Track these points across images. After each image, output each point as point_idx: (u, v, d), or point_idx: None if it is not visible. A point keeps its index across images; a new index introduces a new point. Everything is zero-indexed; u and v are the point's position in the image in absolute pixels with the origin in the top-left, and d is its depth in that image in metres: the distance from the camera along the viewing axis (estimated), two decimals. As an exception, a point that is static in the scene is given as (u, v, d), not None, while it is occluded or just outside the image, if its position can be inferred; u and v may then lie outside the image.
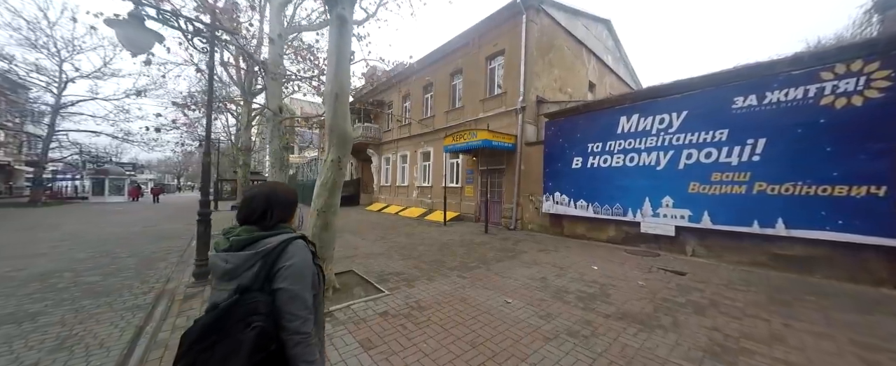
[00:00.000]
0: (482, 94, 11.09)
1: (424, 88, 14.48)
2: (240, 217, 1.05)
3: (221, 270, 0.96)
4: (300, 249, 1.01)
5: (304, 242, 1.05)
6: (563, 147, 7.94)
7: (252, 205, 1.04)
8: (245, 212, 1.04)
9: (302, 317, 0.93)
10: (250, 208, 1.04)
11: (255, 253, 0.95)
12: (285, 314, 0.91)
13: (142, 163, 46.25)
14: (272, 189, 1.10)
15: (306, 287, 0.98)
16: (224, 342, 0.83)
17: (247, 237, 0.98)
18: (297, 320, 0.92)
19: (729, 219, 5.21)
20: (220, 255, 0.98)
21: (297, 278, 0.95)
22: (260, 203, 1.04)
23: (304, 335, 0.93)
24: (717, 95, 5.43)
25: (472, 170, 11.28)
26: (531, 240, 7.59)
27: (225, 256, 0.96)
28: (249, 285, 0.92)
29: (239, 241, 0.97)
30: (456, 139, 9.62)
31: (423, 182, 14.21)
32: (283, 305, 0.92)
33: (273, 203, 1.06)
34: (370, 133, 17.66)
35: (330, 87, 3.73)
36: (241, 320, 0.85)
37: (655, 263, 5.31)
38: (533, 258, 5.71)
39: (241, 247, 0.97)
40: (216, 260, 0.98)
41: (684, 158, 5.77)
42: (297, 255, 0.98)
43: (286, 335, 0.91)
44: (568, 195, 7.72)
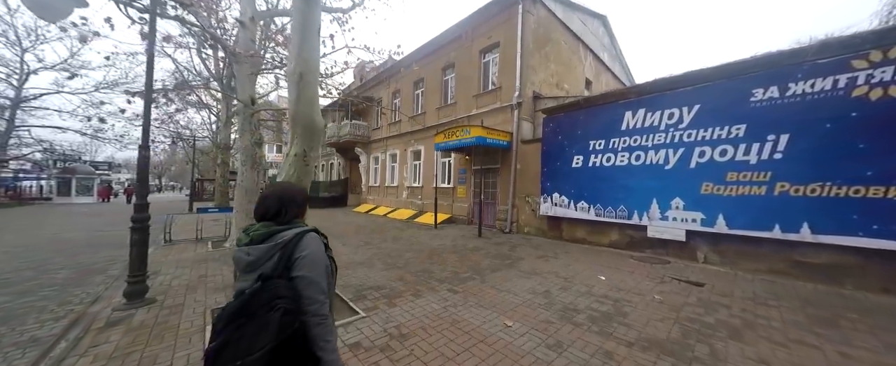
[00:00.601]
0: (476, 89, 10.51)
1: (415, 84, 13.82)
2: (257, 215, 1.18)
3: (245, 262, 1.07)
4: (313, 240, 1.12)
5: (316, 235, 1.15)
6: (562, 145, 7.41)
7: (267, 203, 1.17)
8: (262, 210, 1.17)
9: (319, 301, 1.05)
10: (266, 207, 1.16)
11: (274, 245, 1.06)
12: (304, 299, 1.03)
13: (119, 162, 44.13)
14: (284, 189, 1.22)
15: (321, 274, 1.09)
16: (252, 323, 0.94)
17: (265, 232, 1.10)
18: (315, 304, 1.04)
19: (747, 223, 4.73)
20: (242, 249, 1.09)
21: (312, 266, 1.07)
22: (274, 202, 1.16)
23: (322, 317, 1.05)
24: (733, 87, 4.96)
25: (465, 169, 10.68)
26: (528, 245, 7.02)
27: (247, 249, 1.08)
28: (271, 273, 1.04)
29: (259, 235, 1.09)
30: (448, 136, 9.00)
31: (413, 182, 13.55)
32: (302, 290, 1.03)
33: (286, 201, 1.18)
34: (358, 131, 16.90)
35: (293, 66, 3.06)
36: (266, 304, 0.95)
37: (667, 272, 4.80)
38: (532, 267, 5.14)
39: (261, 240, 1.09)
40: (239, 254, 1.10)
41: (696, 157, 5.29)
42: (310, 246, 1.09)
43: (306, 318, 1.02)
44: (568, 196, 7.19)
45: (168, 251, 6.17)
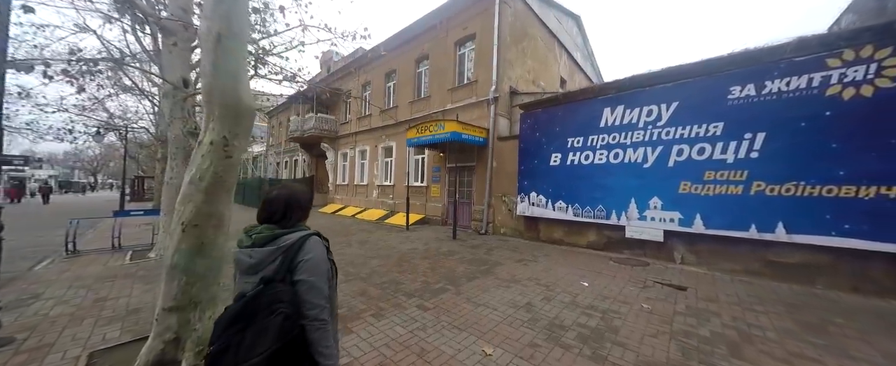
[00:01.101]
0: (450, 82, 9.98)
1: (386, 76, 13.00)
2: (261, 217, 1.15)
3: (246, 264, 1.06)
4: (316, 244, 1.10)
5: (318, 239, 1.14)
6: (540, 142, 7.10)
7: (273, 206, 1.14)
8: (266, 212, 1.14)
9: (320, 306, 1.03)
10: (271, 209, 1.14)
11: (277, 248, 1.05)
12: (305, 303, 1.01)
13: (39, 156, 38.11)
14: (290, 192, 1.19)
15: (323, 279, 1.07)
16: (253, 327, 0.92)
17: (268, 234, 1.08)
18: (315, 309, 1.02)
19: (724, 223, 4.66)
20: (244, 251, 1.08)
21: (314, 271, 1.04)
22: (280, 205, 1.14)
23: (322, 322, 1.03)
24: (711, 84, 4.87)
25: (440, 167, 10.13)
26: (505, 247, 6.63)
27: (249, 251, 1.07)
28: (272, 276, 1.01)
29: (261, 238, 1.07)
30: (421, 132, 8.38)
31: (384, 181, 12.75)
32: (303, 294, 1.01)
33: (291, 205, 1.16)
34: (325, 125, 15.70)
35: (207, 25, 2.29)
36: (267, 308, 0.94)
37: (648, 275, 4.60)
38: (511, 273, 4.71)
39: (264, 243, 1.06)
40: (241, 256, 1.08)
41: (674, 155, 5.17)
42: (313, 250, 1.08)
43: (306, 322, 1.00)
44: (545, 196, 6.90)
45: (69, 265, 4.96)
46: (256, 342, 0.90)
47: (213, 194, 2.39)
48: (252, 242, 1.07)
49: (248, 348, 0.90)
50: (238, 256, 1.09)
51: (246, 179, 19.50)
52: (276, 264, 1.03)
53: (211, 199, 2.38)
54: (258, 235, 1.08)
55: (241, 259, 1.08)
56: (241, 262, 1.08)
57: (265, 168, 25.84)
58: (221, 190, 2.44)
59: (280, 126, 23.17)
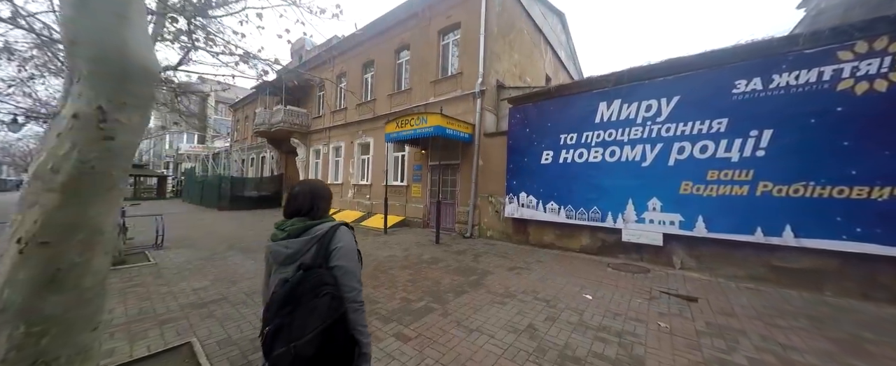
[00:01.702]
0: (433, 74, 9.29)
1: (364, 66, 12.07)
2: (289, 211, 1.21)
3: (284, 255, 1.12)
4: (345, 233, 1.17)
5: (346, 228, 1.19)
6: (530, 138, 6.61)
7: (299, 201, 1.21)
8: (294, 206, 1.21)
9: (356, 288, 1.11)
10: (298, 203, 1.21)
11: (311, 238, 1.12)
12: (343, 286, 1.08)
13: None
14: (313, 187, 1.25)
15: (356, 264, 1.15)
16: (300, 309, 1.00)
17: (301, 226, 1.15)
18: (352, 291, 1.10)
19: (728, 226, 4.36)
20: (280, 242, 1.14)
21: (348, 257, 1.12)
22: (306, 198, 1.21)
23: (359, 303, 1.11)
24: (715, 77, 4.57)
25: (421, 165, 9.42)
26: (493, 252, 6.07)
27: (285, 242, 1.13)
28: (311, 263, 1.08)
29: (295, 229, 1.14)
30: (401, 126, 7.64)
31: (360, 179, 11.82)
32: (340, 278, 1.08)
33: (316, 198, 1.23)
34: (296, 119, 14.45)
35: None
36: (311, 291, 1.02)
37: (652, 284, 4.19)
38: (504, 284, 4.13)
39: (298, 234, 1.14)
40: (277, 247, 1.14)
41: (675, 153, 4.84)
42: (344, 238, 1.15)
43: (346, 304, 1.07)
44: (536, 196, 6.42)
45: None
46: (306, 323, 0.97)
47: (79, 196, 1.56)
48: (287, 235, 1.14)
49: (299, 327, 0.97)
50: (274, 249, 1.14)
51: (205, 178, 17.65)
52: (312, 252, 1.10)
53: (73, 202, 1.54)
54: (291, 227, 1.15)
55: (279, 250, 1.13)
56: (278, 253, 1.14)
57: (229, 166, 23.75)
58: (95, 189, 1.61)
59: (246, 120, 21.35)
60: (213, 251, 6.02)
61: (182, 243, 6.72)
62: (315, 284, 1.02)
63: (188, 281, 4.21)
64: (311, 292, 1.00)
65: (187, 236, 7.55)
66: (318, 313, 0.97)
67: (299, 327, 0.96)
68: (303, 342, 0.94)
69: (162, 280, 4.23)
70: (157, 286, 3.98)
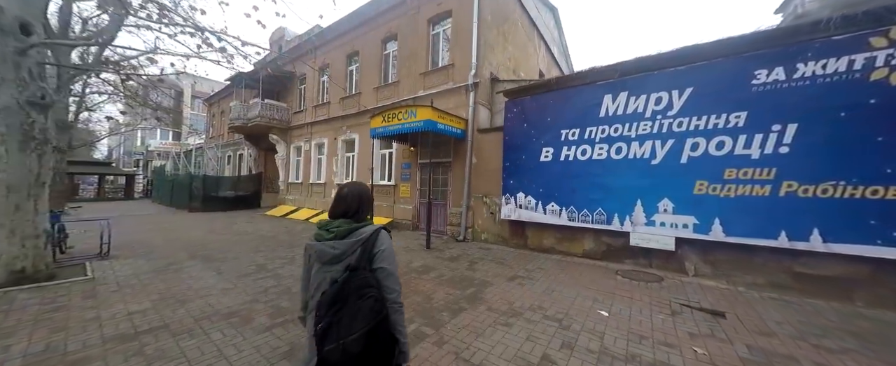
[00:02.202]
0: (423, 66, 8.68)
1: (348, 58, 11.31)
2: (337, 213, 1.25)
3: (330, 255, 1.16)
4: (386, 236, 1.22)
5: (386, 231, 1.24)
6: (528, 134, 6.12)
7: (348, 202, 1.25)
8: (342, 208, 1.25)
9: (397, 290, 1.17)
10: (347, 205, 1.25)
11: (356, 240, 1.16)
12: (385, 288, 1.14)
13: None
14: (361, 190, 1.30)
15: (396, 267, 1.20)
16: (346, 308, 1.04)
17: (346, 228, 1.19)
18: (393, 293, 1.16)
19: (748, 229, 3.98)
20: (327, 243, 1.17)
21: (390, 260, 1.18)
22: (354, 201, 1.26)
23: (400, 305, 1.17)
24: (732, 67, 4.19)
25: (410, 163, 8.80)
26: (490, 258, 5.54)
27: (332, 243, 1.17)
28: (357, 264, 1.13)
29: (341, 231, 1.18)
30: (388, 120, 7.00)
31: (345, 178, 11.07)
32: (383, 280, 1.14)
33: (364, 201, 1.28)
34: (275, 114, 13.50)
35: None
36: (356, 292, 1.06)
37: (669, 295, 3.77)
38: (506, 298, 3.60)
39: (344, 236, 1.17)
40: (324, 247, 1.17)
41: (688, 150, 4.44)
42: (385, 242, 1.20)
43: (387, 305, 1.13)
44: (535, 197, 5.94)
45: None
46: (352, 323, 1.01)
47: None
48: (334, 236, 1.17)
49: (346, 327, 1.01)
50: (320, 249, 1.17)
51: (176, 177, 16.35)
52: (357, 254, 1.14)
53: None
54: (337, 228, 1.19)
55: (325, 251, 1.16)
56: (323, 253, 1.16)
57: (204, 163, 22.29)
58: None
59: (222, 115, 20.02)
60: (170, 261, 5.22)
61: (135, 251, 5.86)
62: (360, 285, 1.07)
63: (126, 302, 3.46)
64: (356, 292, 1.06)
65: (145, 242, 6.65)
66: (362, 314, 1.03)
67: (347, 325, 1.01)
68: (350, 340, 1.00)
69: (92, 301, 3.47)
70: (83, 310, 3.22)
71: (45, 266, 4.15)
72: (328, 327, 1.02)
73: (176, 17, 5.02)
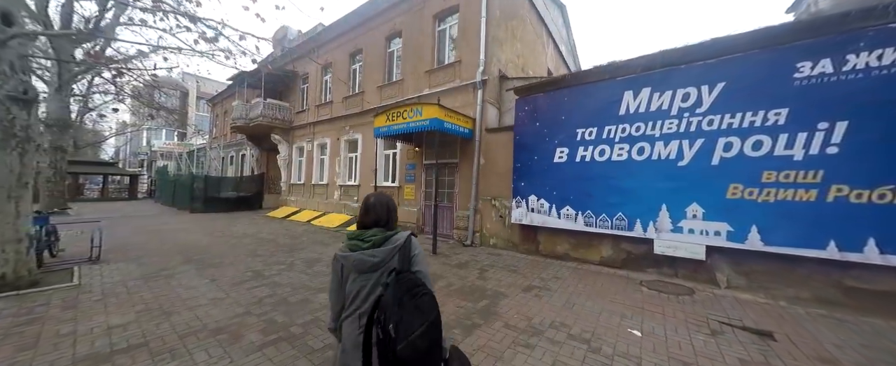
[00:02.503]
0: (428, 63, 8.38)
1: (351, 56, 11.05)
2: (368, 222, 1.29)
3: (370, 263, 1.19)
4: (416, 242, 1.30)
5: (415, 237, 1.32)
6: (540, 134, 5.78)
7: (378, 212, 1.29)
8: (373, 218, 1.29)
9: (433, 291, 1.21)
10: (377, 215, 1.29)
11: (394, 247, 1.22)
12: None
13: None
14: (387, 200, 1.35)
15: (428, 268, 1.28)
16: (403, 308, 1.06)
17: (382, 236, 1.24)
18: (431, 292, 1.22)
19: (790, 238, 3.61)
20: (366, 252, 1.20)
21: (424, 263, 1.27)
22: (383, 211, 1.30)
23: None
24: (770, 59, 3.82)
25: (415, 164, 8.49)
26: (501, 265, 5.20)
27: (371, 252, 1.20)
28: (401, 268, 1.19)
29: (377, 240, 1.23)
30: (392, 119, 6.70)
31: (347, 180, 10.79)
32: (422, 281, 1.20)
33: (391, 210, 1.33)
34: (277, 113, 13.29)
35: None
36: (408, 292, 1.10)
37: (705, 310, 3.40)
38: (524, 313, 3.25)
39: (380, 244, 1.22)
40: (363, 257, 1.20)
41: (720, 150, 4.07)
42: (418, 246, 1.29)
43: None
44: (548, 200, 5.58)
45: None
46: (413, 320, 1.06)
47: None
48: (371, 244, 1.21)
49: (408, 323, 1.04)
50: (359, 258, 1.20)
51: (178, 177, 16.20)
52: (396, 260, 1.21)
53: None
54: (373, 237, 1.23)
55: (364, 260, 1.19)
56: (363, 262, 1.20)
57: (207, 164, 22.21)
58: None
59: (225, 115, 19.90)
60: (162, 266, 4.94)
61: (128, 255, 5.60)
62: (410, 286, 1.12)
63: (107, 313, 3.17)
64: (408, 293, 1.10)
65: (140, 245, 6.40)
66: (421, 310, 1.09)
67: (408, 323, 1.04)
68: (415, 336, 1.04)
69: (72, 312, 3.18)
70: (59, 323, 2.93)
71: (27, 272, 3.89)
72: (397, 325, 1.04)
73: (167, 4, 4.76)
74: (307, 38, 12.73)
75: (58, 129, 11.47)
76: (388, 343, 1.02)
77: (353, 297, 1.20)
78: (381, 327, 1.05)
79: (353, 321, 1.18)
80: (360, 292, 1.19)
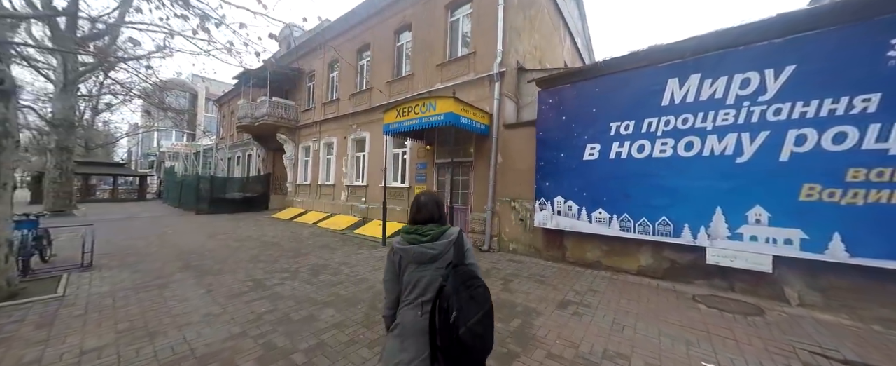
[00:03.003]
0: (440, 56, 7.89)
1: (358, 52, 10.64)
2: (423, 218, 1.38)
3: (429, 255, 1.29)
4: (466, 236, 1.41)
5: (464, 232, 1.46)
6: (567, 129, 5.24)
7: (430, 209, 1.39)
8: (427, 214, 1.38)
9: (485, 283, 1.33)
10: (430, 212, 1.39)
11: (449, 241, 1.32)
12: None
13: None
14: (437, 197, 1.45)
15: (478, 261, 1.40)
16: (461, 296, 1.18)
17: (439, 231, 1.34)
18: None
19: (885, 249, 3.00)
20: (426, 245, 1.30)
21: (473, 256, 1.39)
22: (435, 208, 1.40)
23: None
24: (855, 36, 3.23)
25: (426, 163, 8.01)
26: (526, 274, 4.67)
27: (430, 245, 1.30)
28: (456, 261, 1.29)
29: (435, 234, 1.33)
30: (402, 115, 6.23)
31: (355, 180, 10.38)
32: (474, 272, 1.32)
33: (441, 206, 1.43)
34: (283, 112, 12.97)
35: None
36: (464, 283, 1.22)
37: (789, 337, 2.82)
38: (566, 336, 2.73)
39: (437, 238, 1.32)
40: (423, 249, 1.30)
41: (791, 144, 3.48)
42: (468, 241, 1.40)
43: None
44: (577, 201, 5.04)
45: None
46: (471, 308, 1.17)
47: None
48: (430, 238, 1.31)
49: (466, 311, 1.15)
50: (419, 251, 1.29)
51: (184, 178, 16.04)
52: (451, 253, 1.30)
53: None
54: (431, 232, 1.33)
55: (424, 252, 1.29)
56: (423, 254, 1.29)
57: (215, 164, 22.13)
58: None
59: (232, 116, 19.74)
60: (158, 273, 4.55)
61: (124, 260, 5.24)
62: (466, 277, 1.24)
63: (84, 333, 2.76)
64: (464, 284, 1.21)
65: (138, 250, 6.06)
66: (476, 301, 1.20)
67: (466, 311, 1.15)
68: (473, 322, 1.15)
69: (45, 331, 2.78)
70: (27, 346, 2.52)
71: (6, 282, 3.51)
72: (459, 312, 1.14)
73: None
74: (314, 34, 12.36)
75: (64, 129, 11.32)
76: (450, 328, 1.13)
77: (413, 286, 1.30)
78: (444, 313, 1.15)
79: (415, 308, 1.28)
80: (420, 282, 1.29)
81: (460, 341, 1.10)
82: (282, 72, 13.06)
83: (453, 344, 1.12)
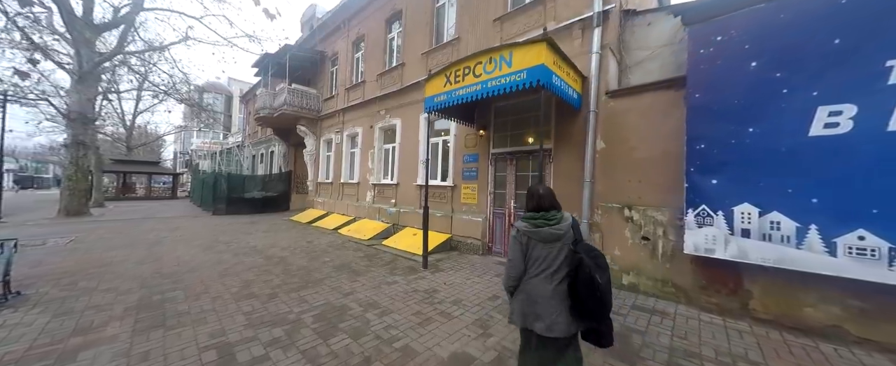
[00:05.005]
0: (498, 7, 5.79)
1: (386, 22, 8.79)
2: (545, 205, 1.71)
3: (556, 235, 1.63)
4: (577, 220, 1.79)
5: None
6: (765, 82, 2.93)
7: (549, 199, 1.73)
8: (548, 202, 1.72)
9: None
10: (550, 200, 1.73)
11: (568, 224, 1.67)
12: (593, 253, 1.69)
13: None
14: (549, 188, 1.80)
15: None
16: (589, 265, 1.55)
17: (560, 216, 1.69)
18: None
19: None
20: (553, 227, 1.63)
21: (585, 235, 1.97)
22: (551, 197, 1.74)
23: None
24: None
25: (476, 155, 5.95)
26: (686, 347, 2.45)
27: (557, 227, 1.64)
28: (577, 239, 1.67)
29: (558, 217, 1.67)
30: (455, 81, 4.25)
31: (383, 178, 8.56)
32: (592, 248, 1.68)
33: (554, 195, 1.75)
34: (304, 101, 11.51)
35: None
36: (589, 253, 1.60)
37: None
38: None
39: (559, 221, 1.66)
40: (551, 231, 1.63)
41: None
42: (579, 225, 1.77)
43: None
44: (793, 214, 2.73)
45: None
46: (600, 274, 1.52)
47: None
48: (557, 221, 1.65)
49: (600, 275, 1.53)
50: (548, 232, 1.63)
51: (204, 176, 15.22)
52: (571, 233, 1.65)
53: None
54: (555, 216, 1.67)
55: (553, 232, 1.63)
56: (551, 235, 1.62)
57: (241, 162, 21.61)
58: None
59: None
60: (86, 321, 2.89)
61: (66, 288, 3.68)
62: (588, 250, 1.62)
63: None
64: (589, 254, 1.59)
65: (104, 265, 4.57)
66: (602, 267, 1.56)
67: (600, 275, 1.53)
68: (604, 283, 1.52)
69: None
70: None
71: None
72: (598, 278, 1.51)
73: None
74: (338, 10, 10.74)
75: (79, 122, 10.58)
76: (593, 288, 1.51)
77: (541, 261, 1.64)
78: (586, 279, 1.53)
79: (546, 279, 1.62)
80: (547, 257, 1.63)
81: (602, 299, 1.52)
82: (303, 56, 11.62)
83: (596, 302, 1.53)
